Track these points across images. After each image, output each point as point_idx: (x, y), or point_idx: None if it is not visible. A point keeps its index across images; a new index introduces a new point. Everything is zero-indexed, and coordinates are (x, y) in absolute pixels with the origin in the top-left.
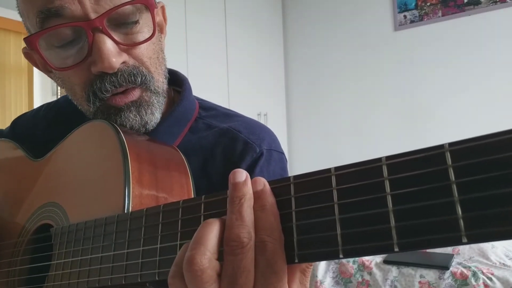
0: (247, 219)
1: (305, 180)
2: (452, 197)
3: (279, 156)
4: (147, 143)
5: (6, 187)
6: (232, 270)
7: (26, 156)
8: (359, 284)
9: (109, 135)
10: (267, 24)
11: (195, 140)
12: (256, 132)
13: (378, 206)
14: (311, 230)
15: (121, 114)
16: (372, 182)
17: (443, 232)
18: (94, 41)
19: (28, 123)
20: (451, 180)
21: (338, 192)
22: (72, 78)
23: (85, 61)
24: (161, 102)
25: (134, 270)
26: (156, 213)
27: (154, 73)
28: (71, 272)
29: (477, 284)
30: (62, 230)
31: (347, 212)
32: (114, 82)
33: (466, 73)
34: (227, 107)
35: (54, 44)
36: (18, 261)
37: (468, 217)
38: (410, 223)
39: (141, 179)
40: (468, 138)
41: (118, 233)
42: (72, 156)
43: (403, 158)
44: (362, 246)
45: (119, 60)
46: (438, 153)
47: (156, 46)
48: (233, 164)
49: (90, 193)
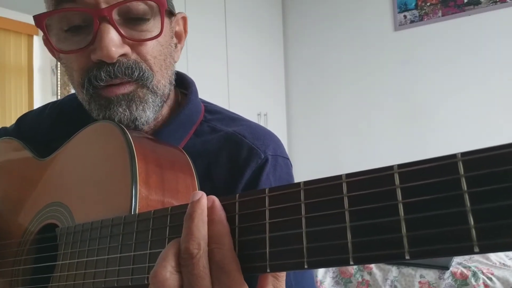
0: (197, 233)
1: (315, 186)
2: (465, 207)
3: (285, 161)
4: (153, 144)
5: (11, 185)
6: (188, 279)
7: (32, 155)
8: (359, 284)
9: (116, 135)
10: (267, 24)
11: (200, 143)
12: (261, 137)
13: (390, 214)
14: (322, 237)
15: (111, 106)
16: (384, 190)
17: (455, 242)
18: (99, 29)
19: (33, 122)
20: (463, 189)
21: (349, 199)
22: (73, 64)
23: (87, 48)
24: (157, 102)
25: (140, 273)
26: (163, 216)
27: (156, 72)
28: (76, 273)
29: (477, 284)
30: (68, 230)
31: (358, 220)
32: (110, 72)
33: (466, 73)
34: (227, 107)
35: (63, 27)
36: (22, 261)
37: (480, 227)
38: (421, 232)
39: (148, 180)
40: (481, 149)
41: (125, 235)
42: (78, 156)
43: (415, 166)
44: (372, 254)
45: (119, 51)
46: (450, 162)
47: (164, 49)
48: (238, 169)
49: (96, 193)
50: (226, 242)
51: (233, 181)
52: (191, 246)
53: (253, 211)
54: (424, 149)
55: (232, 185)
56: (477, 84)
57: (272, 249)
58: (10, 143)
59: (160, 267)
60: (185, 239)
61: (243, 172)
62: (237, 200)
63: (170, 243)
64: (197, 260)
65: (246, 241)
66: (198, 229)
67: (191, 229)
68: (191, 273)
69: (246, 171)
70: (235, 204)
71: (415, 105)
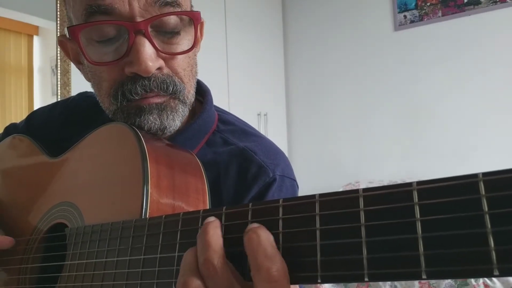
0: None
1: (330, 198)
2: (485, 228)
3: (291, 183)
4: (165, 147)
5: (21, 183)
6: None
7: (42, 154)
8: (359, 284)
9: (129, 138)
10: (267, 24)
11: (211, 154)
12: (271, 156)
13: (407, 232)
14: (336, 251)
15: (142, 114)
16: (402, 206)
17: (474, 264)
18: (135, 42)
19: (43, 119)
20: (484, 210)
21: (365, 214)
22: (103, 74)
23: (121, 60)
24: (185, 111)
25: (150, 277)
26: (175, 220)
27: (186, 84)
28: (85, 274)
29: (477, 284)
30: (78, 230)
31: (374, 236)
32: (146, 86)
33: (466, 73)
34: (227, 107)
35: (94, 38)
36: (30, 259)
37: (501, 250)
38: (439, 252)
39: (159, 184)
40: (503, 170)
41: (135, 238)
42: (90, 157)
43: (434, 184)
44: (388, 271)
45: (155, 65)
46: (471, 182)
47: (191, 60)
48: (245, 184)
49: (107, 195)
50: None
51: (239, 195)
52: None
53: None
54: (424, 149)
55: (238, 199)
56: (477, 84)
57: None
58: (21, 141)
59: (188, 275)
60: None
61: (250, 188)
62: (250, 208)
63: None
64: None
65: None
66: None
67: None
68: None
69: (253, 187)
70: (248, 212)
71: (415, 105)
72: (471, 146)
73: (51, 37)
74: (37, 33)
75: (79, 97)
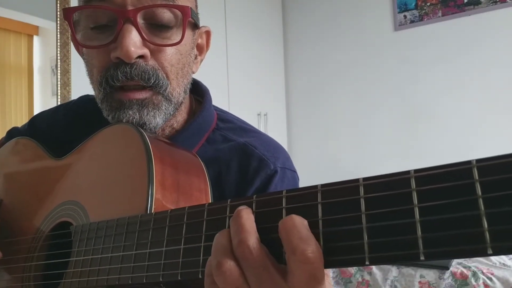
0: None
1: (332, 188)
2: (479, 211)
3: (292, 174)
4: (170, 148)
5: (26, 183)
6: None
7: (46, 155)
8: (359, 284)
9: (134, 137)
10: (267, 24)
11: (212, 151)
12: (271, 149)
13: (406, 216)
14: (338, 237)
15: (121, 108)
16: (400, 192)
17: (469, 244)
18: (122, 29)
19: (46, 122)
20: (478, 194)
21: (365, 201)
22: (94, 60)
23: (109, 46)
24: (169, 110)
25: (155, 270)
26: (180, 214)
27: (172, 80)
28: (90, 269)
29: (477, 284)
30: (83, 228)
31: (374, 221)
32: (127, 73)
33: (466, 73)
34: (227, 107)
35: (89, 25)
36: (34, 257)
37: (493, 230)
38: (436, 234)
39: (164, 182)
40: (495, 156)
41: (141, 232)
42: (95, 157)
43: (431, 171)
44: (388, 254)
45: (137, 51)
46: (465, 168)
47: (183, 58)
48: (247, 178)
49: (112, 193)
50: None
51: (242, 189)
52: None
53: (270, 209)
54: (424, 149)
55: (240, 193)
56: (477, 84)
57: None
58: (25, 143)
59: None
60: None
61: (253, 181)
62: (254, 200)
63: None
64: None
65: (263, 240)
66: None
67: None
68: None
69: (256, 181)
70: (252, 204)
71: (415, 105)
72: (471, 146)
73: (51, 37)
74: (37, 33)
75: (81, 100)
